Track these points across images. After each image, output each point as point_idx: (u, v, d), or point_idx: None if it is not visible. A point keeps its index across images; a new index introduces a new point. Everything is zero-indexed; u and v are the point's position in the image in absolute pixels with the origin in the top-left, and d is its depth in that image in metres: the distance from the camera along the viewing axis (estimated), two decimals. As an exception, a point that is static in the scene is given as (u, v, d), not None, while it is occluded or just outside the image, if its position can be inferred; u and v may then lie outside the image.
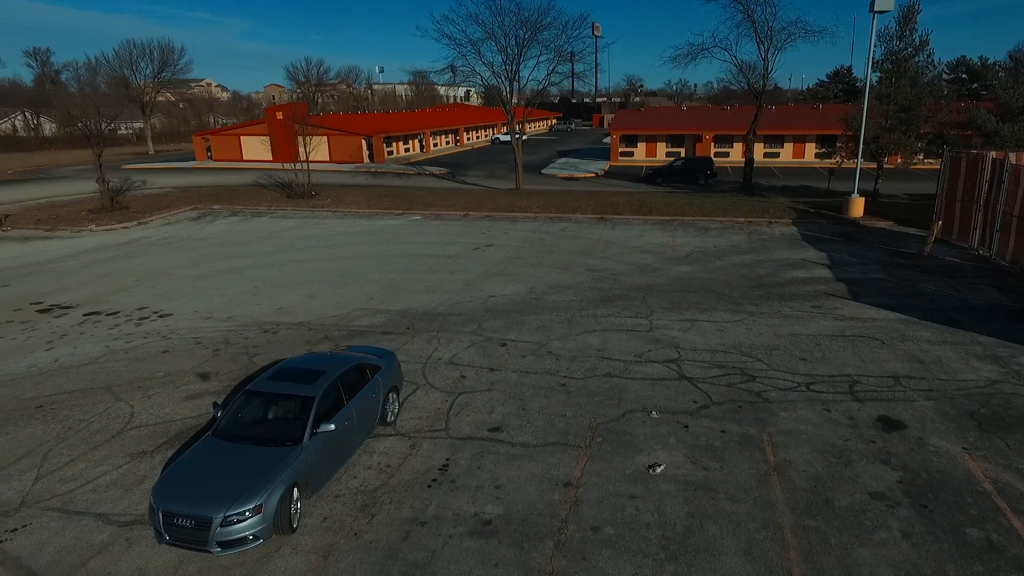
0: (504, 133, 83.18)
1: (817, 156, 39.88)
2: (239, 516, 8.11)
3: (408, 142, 65.19)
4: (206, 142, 61.39)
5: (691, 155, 51.64)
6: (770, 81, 36.20)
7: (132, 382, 13.69)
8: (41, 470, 10.46)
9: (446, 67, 40.87)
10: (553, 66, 40.06)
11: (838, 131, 38.66)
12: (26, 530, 8.98)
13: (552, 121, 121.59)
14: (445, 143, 75.04)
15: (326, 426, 9.45)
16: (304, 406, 9.64)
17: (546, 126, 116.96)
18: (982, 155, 22.86)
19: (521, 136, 78.85)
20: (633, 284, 19.91)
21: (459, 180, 47.08)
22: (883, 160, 33.20)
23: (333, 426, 9.52)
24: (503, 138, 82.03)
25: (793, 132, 52.37)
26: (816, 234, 26.66)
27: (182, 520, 8.12)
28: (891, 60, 31.21)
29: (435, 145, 71.84)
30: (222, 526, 8.02)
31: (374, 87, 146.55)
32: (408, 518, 9.06)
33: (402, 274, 21.62)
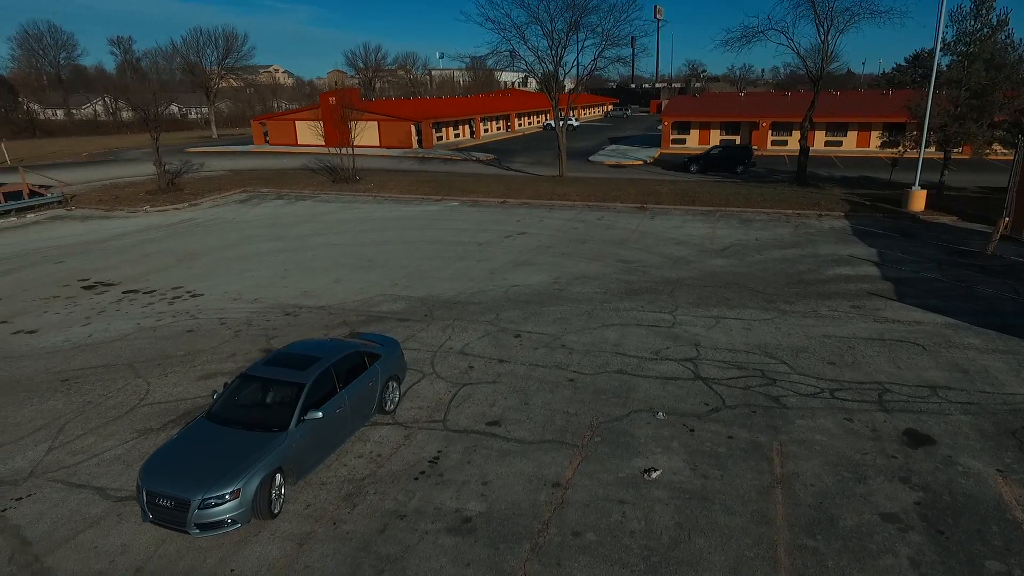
0: (565, 119, 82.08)
1: (880, 145, 37.36)
2: (217, 500, 8.17)
3: (458, 128, 65.22)
4: (263, 127, 63.19)
5: (746, 143, 49.53)
6: (840, 66, 34.19)
7: (154, 359, 14.14)
8: (55, 442, 10.91)
9: (490, 52, 40.44)
10: (600, 50, 39.07)
11: (905, 119, 36.16)
12: (30, 499, 9.35)
13: (608, 107, 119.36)
14: (496, 129, 74.72)
15: (313, 414, 9.42)
16: (294, 392, 9.63)
17: (601, 112, 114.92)
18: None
19: (568, 122, 77.73)
20: (662, 277, 19.19)
21: (504, 166, 46.75)
22: (951, 150, 30.83)
23: (320, 414, 9.48)
24: (552, 124, 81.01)
25: (858, 120, 49.39)
26: (869, 228, 25.02)
27: (163, 500, 8.25)
28: (964, 42, 28.81)
29: (485, 131, 71.62)
30: (200, 508, 8.10)
31: (433, 73, 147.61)
32: (389, 510, 8.94)
33: (430, 261, 21.57)
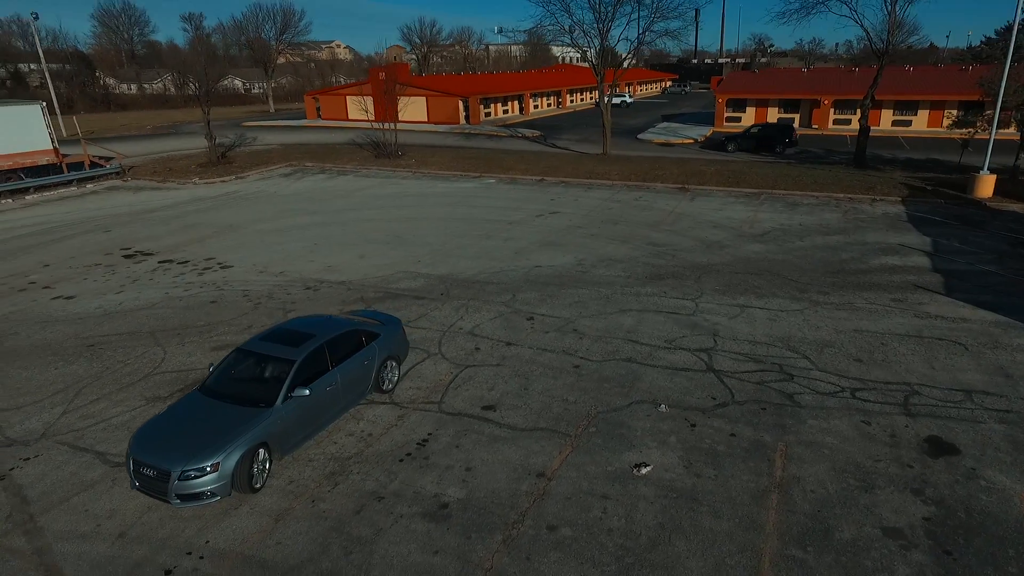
0: (609, 96, 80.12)
1: (949, 126, 34.62)
2: (196, 472, 8.28)
3: (507, 104, 64.50)
4: (316, 102, 64.21)
5: (787, 122, 46.78)
6: (921, 39, 31.75)
7: (175, 329, 14.55)
8: (70, 405, 11.36)
9: (535, 26, 39.52)
10: (648, 23, 37.54)
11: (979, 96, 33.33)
12: (36, 460, 9.77)
13: (666, 83, 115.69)
14: (546, 105, 73.56)
15: (300, 391, 9.42)
16: (284, 369, 9.65)
17: (658, 88, 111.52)
18: None
19: (622, 99, 75.83)
20: (692, 262, 18.39)
21: (549, 143, 45.97)
22: (1031, 131, 28.24)
23: (308, 391, 9.47)
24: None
25: (929, 97, 45.94)
26: (926, 215, 23.26)
27: (147, 469, 8.42)
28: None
29: (535, 107, 70.61)
30: (179, 480, 8.23)
31: (490, 48, 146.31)
32: (368, 491, 8.88)
33: (457, 238, 21.39)
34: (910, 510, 8.15)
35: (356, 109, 59.12)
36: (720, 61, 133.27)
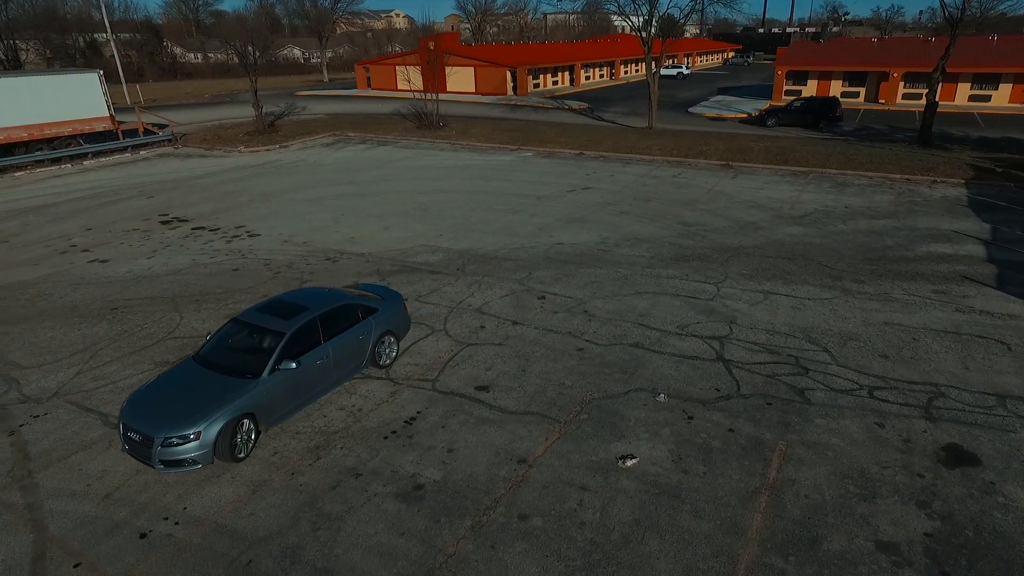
0: (666, 67, 77.41)
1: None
2: (179, 439, 8.41)
3: (557, 74, 63.07)
4: (366, 71, 64.45)
5: (832, 95, 43.82)
6: (1014, 4, 29.00)
7: (195, 295, 14.91)
8: (84, 366, 11.80)
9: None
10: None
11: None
12: (44, 418, 10.19)
13: (728, 54, 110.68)
14: (599, 76, 71.58)
15: (287, 364, 9.43)
16: (274, 341, 9.67)
17: (720, 59, 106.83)
18: None
19: (679, 70, 72.93)
20: (722, 244, 17.53)
21: (595, 116, 44.75)
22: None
23: (295, 365, 9.47)
24: (664, 72, 76.40)
25: (1013, 70, 42.08)
26: (990, 200, 21.41)
27: (134, 434, 8.62)
28: None
29: (587, 78, 68.83)
30: (162, 446, 8.39)
31: (547, 17, 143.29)
32: (348, 467, 8.86)
33: (482, 212, 21.09)
34: (911, 524, 7.51)
35: (404, 79, 59.14)
36: (788, 31, 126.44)
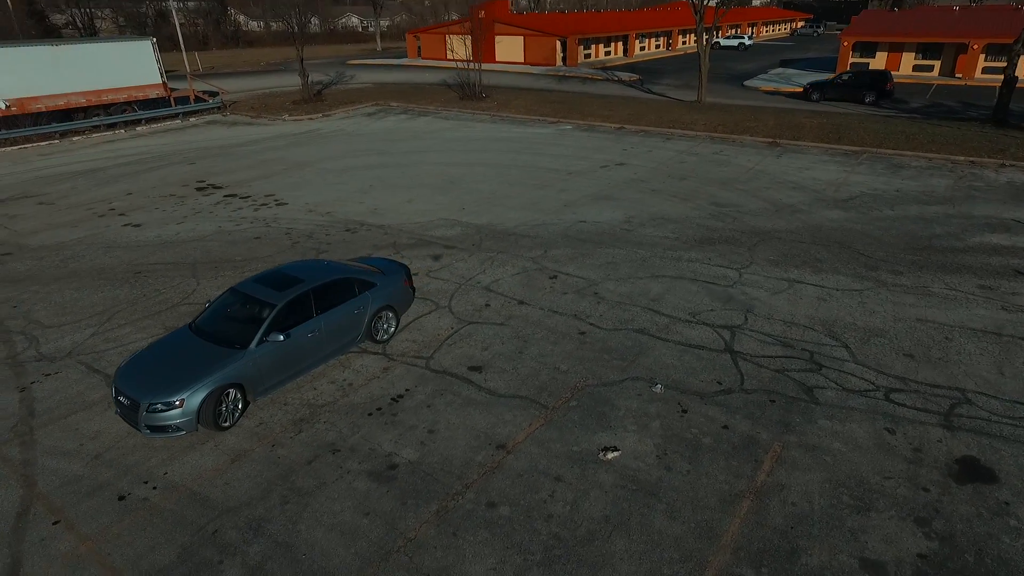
0: (726, 37, 73.98)
1: None
2: (164, 406, 8.56)
3: (610, 45, 61.13)
4: (417, 40, 64.09)
5: (882, 68, 40.69)
6: None
7: (215, 262, 15.20)
8: (100, 328, 12.20)
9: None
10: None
11: None
12: (54, 377, 10.59)
13: (797, 24, 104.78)
14: (654, 46, 68.99)
15: (275, 336, 9.45)
16: (264, 312, 9.70)
17: (787, 29, 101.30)
18: None
19: (740, 41, 69.54)
20: (753, 227, 16.61)
21: (645, 88, 43.21)
22: None
23: (282, 337, 9.49)
24: (724, 43, 73.07)
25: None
26: (1065, 187, 19.51)
27: (123, 398, 8.83)
28: None
29: (642, 48, 66.46)
30: (147, 411, 8.56)
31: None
32: (327, 442, 8.85)
33: (509, 187, 20.69)
34: (905, 542, 6.91)
35: (456, 48, 58.57)
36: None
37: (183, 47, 61.99)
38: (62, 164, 25.40)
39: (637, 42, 64.57)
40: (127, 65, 33.32)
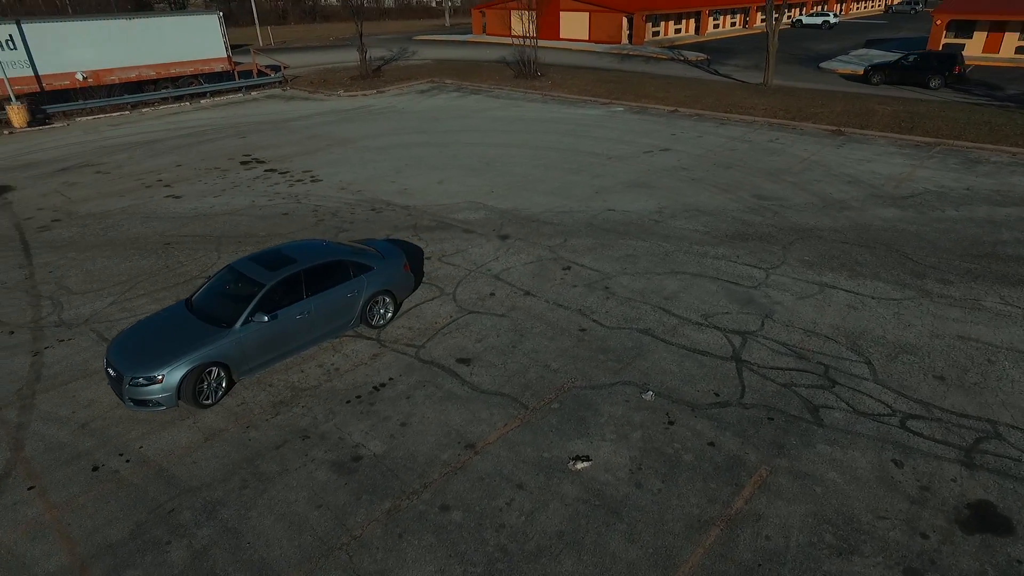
0: (810, 15, 69.43)
1: None
2: (145, 380, 8.72)
3: (681, 22, 58.49)
4: (482, 16, 63.43)
5: (953, 50, 36.59)
6: None
7: (240, 236, 15.50)
8: (120, 297, 12.66)
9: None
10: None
11: None
12: (67, 343, 11.05)
13: (892, 0, 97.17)
14: (729, 24, 65.58)
15: (260, 317, 9.45)
16: (253, 292, 9.70)
17: (880, 6, 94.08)
18: None
19: (824, 18, 65.05)
20: (793, 223, 15.41)
21: (711, 69, 41.10)
22: None
23: (267, 318, 9.47)
24: (807, 20, 68.63)
25: None
26: None
27: (111, 370, 9.07)
28: None
29: (715, 26, 63.31)
30: (130, 385, 8.75)
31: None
32: (300, 427, 8.80)
33: (544, 170, 20.10)
34: (885, 594, 6.17)
35: (519, 24, 57.57)
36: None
37: (258, 22, 63.92)
38: (127, 135, 26.64)
39: (711, 19, 61.53)
40: (195, 39, 34.51)
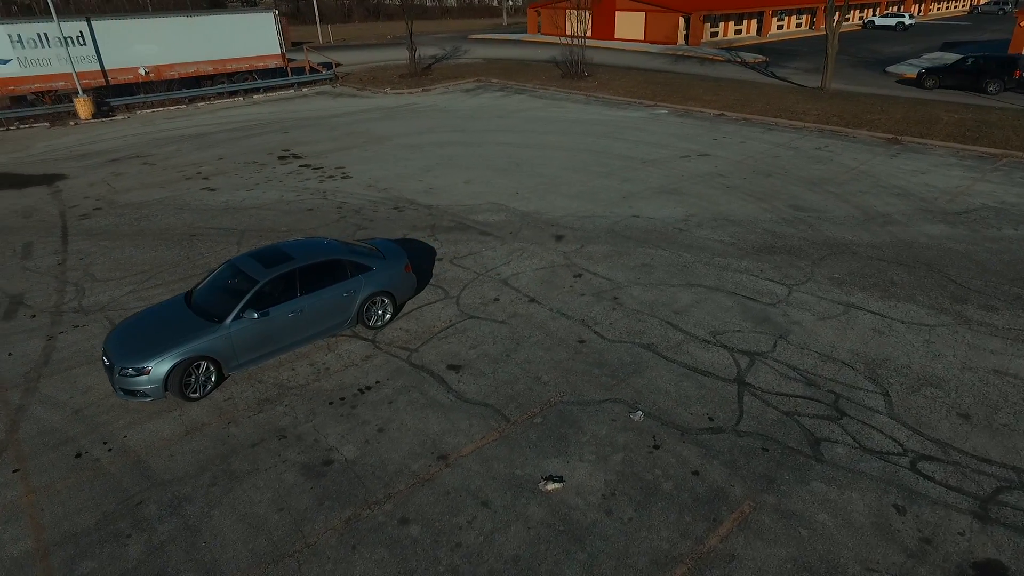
0: (884, 15, 65.91)
1: None
2: (133, 371, 8.86)
3: (741, 22, 56.52)
4: (538, 15, 63.06)
5: (1012, 53, 33.62)
6: None
7: (262, 230, 15.75)
8: (138, 286, 13.02)
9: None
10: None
11: None
12: (81, 328, 11.42)
13: (979, 0, 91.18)
14: (794, 25, 62.94)
15: (250, 313, 9.48)
16: (246, 288, 9.75)
17: (964, 6, 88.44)
18: None
19: (899, 20, 61.65)
20: (828, 236, 14.46)
21: (768, 71, 39.48)
22: None
23: (256, 315, 9.50)
24: (880, 21, 65.18)
25: None
26: None
27: (105, 359, 9.28)
28: None
29: (779, 27, 60.87)
30: (119, 375, 8.92)
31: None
32: (279, 427, 8.76)
33: (573, 173, 19.65)
34: (859, 657, 5.55)
35: (575, 24, 56.94)
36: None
37: (319, 20, 65.63)
38: (180, 128, 27.68)
39: (774, 20, 59.22)
40: (251, 36, 35.60)
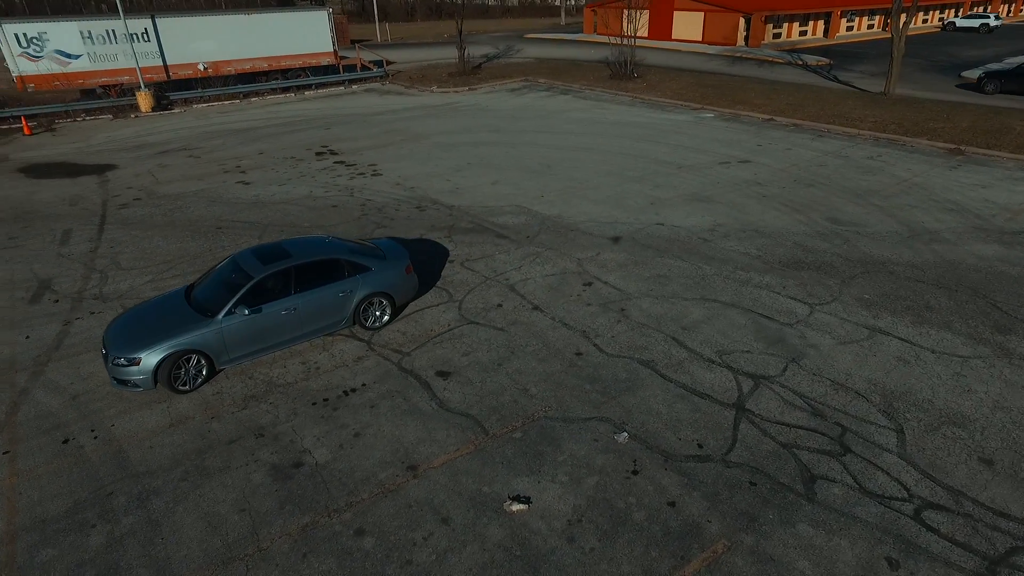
0: (967, 16, 61.83)
1: None
2: (125, 361, 9.04)
3: (807, 23, 54.09)
4: (594, 15, 62.18)
5: None
6: None
7: (285, 225, 15.98)
8: (158, 275, 13.39)
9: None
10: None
11: None
12: (96, 315, 11.79)
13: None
14: (865, 26, 59.76)
15: (241, 309, 9.52)
16: (241, 284, 9.81)
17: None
18: None
19: (983, 21, 57.64)
20: (865, 253, 13.46)
21: (830, 75, 37.56)
22: None
23: (247, 311, 9.53)
24: (961, 23, 61.17)
25: None
26: None
27: (103, 348, 9.50)
28: None
29: (849, 28, 57.93)
30: (112, 364, 9.11)
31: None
32: (259, 425, 8.75)
33: (604, 177, 19.12)
34: None
35: (623, 23, 55.87)
36: None
37: (377, 18, 66.82)
38: (230, 122, 28.58)
39: (843, 21, 56.40)
40: (304, 34, 36.45)
